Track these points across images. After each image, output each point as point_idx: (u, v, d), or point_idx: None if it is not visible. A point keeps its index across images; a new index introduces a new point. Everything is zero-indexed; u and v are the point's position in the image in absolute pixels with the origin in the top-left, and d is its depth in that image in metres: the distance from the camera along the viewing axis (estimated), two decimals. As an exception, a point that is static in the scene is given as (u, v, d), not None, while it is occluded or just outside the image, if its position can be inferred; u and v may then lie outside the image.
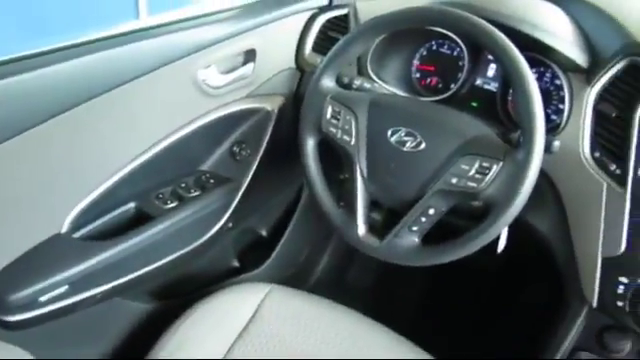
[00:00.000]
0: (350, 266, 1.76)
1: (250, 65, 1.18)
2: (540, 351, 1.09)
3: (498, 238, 1.03)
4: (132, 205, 1.14)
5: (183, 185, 1.19)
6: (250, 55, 1.18)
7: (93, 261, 1.01)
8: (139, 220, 1.11)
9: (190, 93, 1.10)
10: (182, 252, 1.18)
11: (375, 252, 0.98)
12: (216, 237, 1.25)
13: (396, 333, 1.07)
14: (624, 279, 0.94)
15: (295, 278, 1.60)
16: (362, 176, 0.98)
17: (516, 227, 1.05)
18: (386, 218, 1.03)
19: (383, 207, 1.02)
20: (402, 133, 0.95)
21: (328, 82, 1.01)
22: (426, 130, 0.94)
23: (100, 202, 1.05)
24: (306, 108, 1.02)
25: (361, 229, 0.99)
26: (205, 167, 1.26)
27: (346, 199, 1.01)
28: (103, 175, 1.04)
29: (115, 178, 1.05)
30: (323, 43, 1.23)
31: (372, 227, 1.00)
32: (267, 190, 1.44)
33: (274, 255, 1.50)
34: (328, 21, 1.25)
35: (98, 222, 1.09)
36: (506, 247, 1.06)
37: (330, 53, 1.00)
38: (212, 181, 1.22)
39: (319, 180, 1.03)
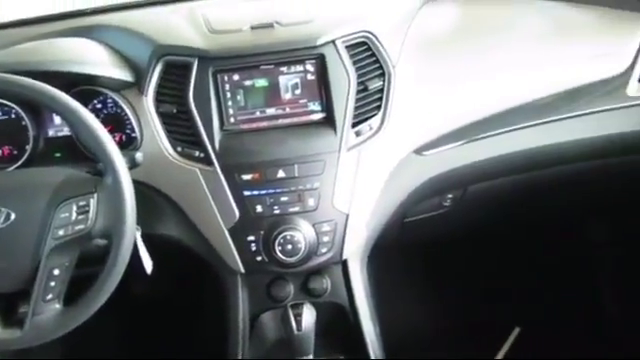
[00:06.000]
0: None
1: None
2: (226, 335, 1.16)
3: (140, 261, 1.06)
4: None
5: None
6: None
7: None
8: None
9: None
10: None
11: (21, 342, 0.90)
12: None
13: None
14: (251, 237, 1.06)
15: None
16: None
17: (159, 245, 1.09)
18: None
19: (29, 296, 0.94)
20: None
21: None
22: (9, 200, 0.90)
23: None
24: None
25: None
26: None
27: None
28: None
29: None
30: None
31: (9, 321, 0.92)
32: None
33: None
34: None
35: None
36: (164, 267, 1.09)
37: None
38: None
39: None
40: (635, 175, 1.32)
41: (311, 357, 1.07)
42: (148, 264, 1.07)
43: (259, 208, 1.05)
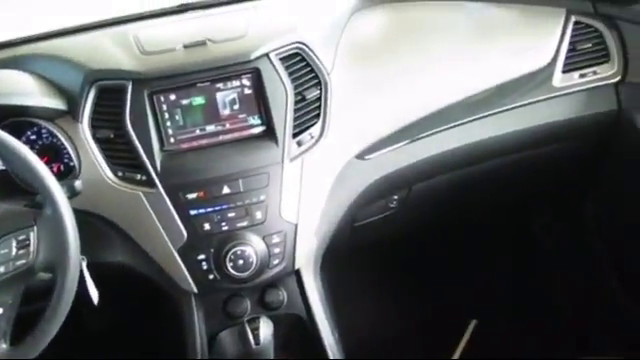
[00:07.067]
0: None
1: None
2: (185, 357, 1.14)
3: (87, 291, 1.04)
4: None
5: None
6: None
7: None
8: None
9: None
10: None
11: None
12: None
13: None
14: (201, 256, 1.05)
15: None
16: None
17: (108, 273, 1.07)
18: None
19: None
20: None
21: None
22: None
23: None
24: None
25: None
26: None
27: None
28: None
29: None
30: None
31: None
32: None
33: None
34: None
35: None
36: (115, 295, 1.06)
37: None
38: None
39: None
40: (565, 162, 1.38)
41: None
42: (94, 294, 1.05)
43: (207, 226, 1.04)
